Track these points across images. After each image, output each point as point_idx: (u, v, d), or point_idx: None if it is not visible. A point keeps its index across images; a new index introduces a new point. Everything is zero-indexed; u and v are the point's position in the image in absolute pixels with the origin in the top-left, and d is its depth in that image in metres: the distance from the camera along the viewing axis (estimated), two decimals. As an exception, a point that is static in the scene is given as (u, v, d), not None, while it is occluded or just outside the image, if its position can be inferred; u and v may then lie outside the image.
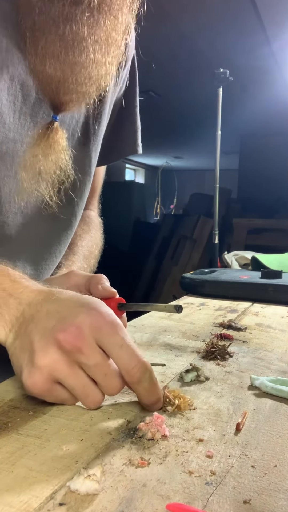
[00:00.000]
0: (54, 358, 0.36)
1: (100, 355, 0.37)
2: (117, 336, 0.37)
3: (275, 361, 0.56)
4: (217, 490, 0.29)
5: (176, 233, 5.00)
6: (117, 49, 0.52)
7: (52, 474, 0.30)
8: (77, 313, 0.37)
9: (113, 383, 0.38)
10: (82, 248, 0.75)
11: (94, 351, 0.37)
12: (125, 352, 0.37)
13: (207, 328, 0.74)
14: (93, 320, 0.37)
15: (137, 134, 0.75)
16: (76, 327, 0.36)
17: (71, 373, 0.37)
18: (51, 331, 0.36)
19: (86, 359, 0.36)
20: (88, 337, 0.36)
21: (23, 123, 0.52)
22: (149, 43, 2.86)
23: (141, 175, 9.45)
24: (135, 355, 0.38)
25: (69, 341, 0.36)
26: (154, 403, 0.40)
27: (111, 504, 0.27)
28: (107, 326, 0.37)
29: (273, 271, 1.08)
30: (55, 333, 0.36)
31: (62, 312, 0.38)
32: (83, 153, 0.63)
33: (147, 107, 4.71)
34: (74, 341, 0.36)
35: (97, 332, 0.37)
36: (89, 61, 0.50)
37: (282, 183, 5.29)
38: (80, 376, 0.37)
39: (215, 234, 2.68)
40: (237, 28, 2.70)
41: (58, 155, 0.55)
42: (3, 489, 0.28)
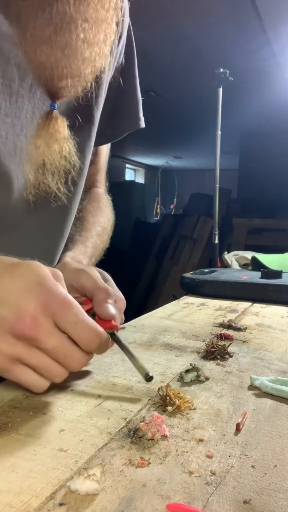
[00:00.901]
0: (12, 343, 0.36)
1: (56, 338, 0.37)
2: (70, 315, 0.38)
3: (275, 361, 0.56)
4: (217, 490, 0.29)
5: (176, 233, 5.00)
6: (108, 26, 0.51)
7: (52, 474, 0.30)
8: (29, 299, 0.37)
9: (74, 361, 0.38)
10: (95, 224, 0.74)
11: (51, 336, 0.37)
12: (80, 328, 0.38)
13: (207, 328, 0.74)
14: (46, 304, 0.37)
15: (138, 108, 0.74)
16: (30, 317, 0.36)
17: (31, 355, 0.37)
18: (5, 320, 0.36)
19: (44, 345, 0.37)
20: (43, 323, 0.37)
21: (21, 107, 0.51)
22: (149, 43, 2.86)
23: (141, 175, 9.45)
24: (91, 329, 0.38)
25: (25, 331, 0.36)
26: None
27: (111, 504, 0.27)
28: (59, 307, 0.37)
29: (273, 271, 1.08)
30: (10, 323, 0.36)
31: (11, 298, 0.37)
32: (84, 138, 0.62)
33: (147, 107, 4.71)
34: (30, 331, 0.36)
35: (51, 315, 0.37)
36: (80, 42, 0.48)
37: (282, 183, 5.29)
38: (40, 356, 0.37)
39: (215, 234, 2.67)
40: (238, 28, 2.70)
41: (61, 145, 0.53)
42: (3, 489, 0.28)
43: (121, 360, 0.55)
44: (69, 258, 0.63)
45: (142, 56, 0.72)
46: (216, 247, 2.63)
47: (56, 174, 0.55)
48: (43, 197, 0.57)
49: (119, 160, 8.14)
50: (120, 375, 0.50)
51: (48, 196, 0.57)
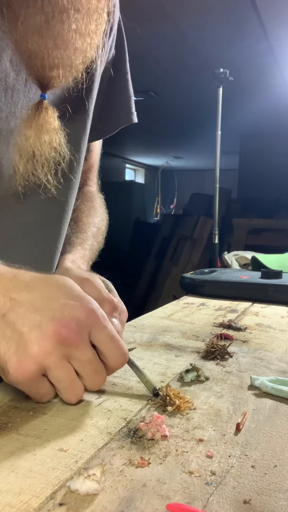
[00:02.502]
0: (49, 349, 0.36)
1: (92, 351, 0.38)
2: (107, 330, 0.39)
3: (275, 361, 0.56)
4: (217, 490, 0.29)
5: (176, 233, 5.00)
6: (100, 17, 0.50)
7: (52, 474, 0.30)
8: (73, 307, 0.38)
9: (100, 379, 0.40)
10: (90, 225, 0.74)
11: (88, 347, 0.38)
12: (114, 344, 0.39)
13: (207, 328, 0.74)
14: (88, 315, 0.38)
15: (130, 103, 0.73)
16: (77, 322, 0.37)
17: (62, 365, 0.37)
18: (49, 324, 0.36)
19: (81, 355, 0.37)
20: (85, 332, 0.37)
21: (16, 102, 0.51)
22: (149, 43, 2.86)
23: (141, 175, 9.45)
24: (122, 346, 0.40)
25: (69, 336, 0.36)
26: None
27: (111, 504, 0.27)
28: (99, 321, 0.38)
29: (273, 271, 1.08)
30: (55, 327, 0.36)
31: (54, 304, 0.37)
32: (75, 130, 0.61)
33: (147, 107, 4.72)
34: (74, 336, 0.36)
35: (91, 327, 0.38)
36: (72, 32, 0.48)
37: (282, 183, 5.29)
38: (69, 369, 0.38)
39: (215, 234, 2.68)
40: (238, 28, 2.70)
41: (52, 136, 0.53)
42: (3, 489, 0.28)
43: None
44: (69, 262, 0.63)
45: (142, 56, 0.72)
46: (216, 247, 2.64)
47: (45, 166, 0.55)
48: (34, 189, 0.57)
49: (119, 160, 8.14)
50: (120, 375, 0.50)
51: (37, 188, 0.57)
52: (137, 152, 7.74)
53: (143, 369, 0.46)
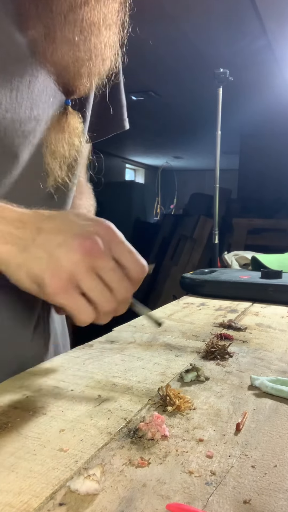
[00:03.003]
0: (77, 260, 0.39)
1: (113, 262, 0.42)
2: (125, 244, 0.43)
3: (275, 361, 0.56)
4: (217, 490, 0.29)
5: (176, 233, 5.00)
6: (118, 27, 0.55)
7: (52, 474, 0.30)
8: (94, 225, 0.42)
9: (126, 286, 0.42)
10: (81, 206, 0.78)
11: (110, 258, 0.41)
12: (133, 257, 0.43)
13: (207, 328, 0.74)
14: (107, 231, 0.42)
15: (123, 109, 0.77)
16: (98, 236, 0.41)
17: (90, 276, 0.40)
18: (74, 237, 0.40)
19: (106, 264, 0.41)
20: (106, 245, 0.41)
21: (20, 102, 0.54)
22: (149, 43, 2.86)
23: (141, 175, 9.45)
24: (140, 259, 0.44)
25: (93, 247, 0.40)
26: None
27: (111, 504, 0.27)
28: (117, 237, 0.43)
29: (273, 271, 1.08)
30: (79, 240, 0.40)
31: (79, 222, 0.42)
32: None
33: (147, 107, 4.72)
34: (97, 247, 0.40)
35: (110, 242, 0.42)
36: (103, 45, 0.53)
37: (282, 183, 5.29)
38: (97, 279, 0.41)
39: (215, 234, 2.67)
40: (238, 28, 2.70)
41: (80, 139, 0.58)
42: (3, 489, 0.29)
43: (121, 360, 0.55)
44: None
45: (142, 56, 0.72)
46: (216, 247, 2.64)
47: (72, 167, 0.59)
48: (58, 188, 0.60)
49: (119, 160, 8.14)
50: (120, 375, 0.50)
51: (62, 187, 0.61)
52: (137, 152, 7.74)
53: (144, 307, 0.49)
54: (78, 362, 0.54)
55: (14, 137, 0.53)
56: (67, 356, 0.56)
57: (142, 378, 0.49)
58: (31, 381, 0.47)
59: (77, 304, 0.40)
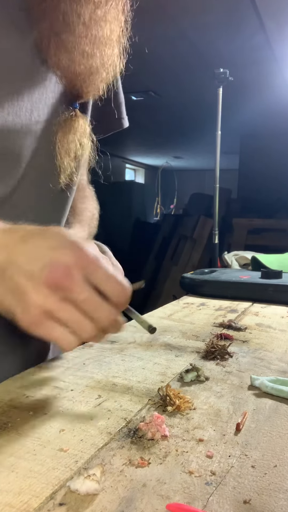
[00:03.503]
0: (46, 296, 0.38)
1: (88, 291, 0.39)
2: (102, 269, 0.40)
3: (275, 361, 0.56)
4: (217, 490, 0.29)
5: (176, 233, 5.00)
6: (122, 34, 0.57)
7: (52, 474, 0.30)
8: (62, 253, 0.39)
9: (104, 314, 0.40)
10: (85, 210, 0.78)
11: (83, 288, 0.39)
12: (112, 283, 0.40)
13: (207, 328, 0.74)
14: (79, 258, 0.39)
15: (121, 108, 0.78)
16: (65, 266, 0.38)
17: (63, 308, 0.38)
18: (40, 272, 0.38)
19: (77, 296, 0.38)
20: (76, 275, 0.39)
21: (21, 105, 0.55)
22: (149, 43, 2.86)
23: (141, 175, 9.45)
24: (120, 283, 0.41)
25: (59, 281, 0.38)
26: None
27: (111, 504, 0.27)
28: (91, 262, 0.40)
29: (273, 271, 1.08)
30: (45, 274, 0.38)
31: (45, 254, 0.39)
32: None
33: (147, 107, 4.72)
34: (64, 280, 0.38)
35: (84, 269, 0.39)
36: (113, 55, 0.56)
37: (282, 183, 5.29)
38: (71, 310, 0.39)
39: (215, 234, 2.67)
40: (237, 28, 2.70)
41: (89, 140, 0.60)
42: (3, 489, 0.29)
43: (121, 360, 0.55)
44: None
45: (142, 56, 0.72)
46: (216, 247, 2.64)
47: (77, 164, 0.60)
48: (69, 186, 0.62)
49: (119, 160, 8.14)
50: (120, 375, 0.50)
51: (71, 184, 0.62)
52: (137, 152, 7.74)
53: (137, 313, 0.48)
54: (78, 362, 0.54)
55: (16, 139, 0.54)
56: (67, 356, 0.57)
57: (142, 378, 0.49)
58: (31, 381, 0.47)
59: (54, 335, 0.39)
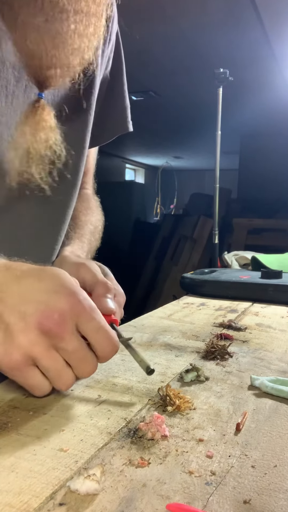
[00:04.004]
0: (34, 340, 0.37)
1: (78, 341, 0.38)
2: (95, 321, 0.39)
3: (275, 361, 0.56)
4: (217, 490, 0.29)
5: (176, 233, 5.00)
6: (98, 20, 0.52)
7: (52, 474, 0.30)
8: (57, 298, 0.38)
9: (88, 367, 0.40)
10: (87, 222, 0.76)
11: (73, 337, 0.38)
12: (101, 336, 0.39)
13: (207, 328, 0.74)
14: (73, 306, 0.38)
15: (127, 112, 0.75)
16: (59, 314, 0.37)
17: (48, 355, 0.38)
18: (32, 315, 0.37)
19: (66, 345, 0.38)
20: (69, 323, 0.38)
21: (15, 107, 0.51)
22: (149, 43, 2.86)
23: (141, 175, 9.45)
24: (110, 338, 0.40)
25: (52, 328, 0.37)
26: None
27: (111, 504, 0.27)
28: (85, 312, 0.39)
29: (273, 271, 1.08)
30: (38, 319, 0.37)
31: (39, 297, 0.38)
32: (73, 130, 0.62)
33: (147, 107, 4.72)
34: (57, 327, 0.37)
35: (77, 318, 0.38)
36: (70, 32, 0.49)
37: (282, 183, 5.29)
38: (56, 359, 0.38)
39: (215, 234, 2.68)
40: (237, 28, 2.70)
41: (48, 134, 0.54)
42: (3, 489, 0.28)
43: (121, 360, 0.55)
44: (68, 252, 0.64)
45: (142, 56, 0.72)
46: (216, 247, 2.64)
47: (40, 164, 0.55)
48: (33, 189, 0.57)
49: (119, 160, 8.14)
50: (120, 375, 0.50)
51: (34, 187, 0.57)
52: (137, 152, 7.74)
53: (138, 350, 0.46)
54: (78, 362, 0.54)
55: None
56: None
57: (142, 378, 0.49)
58: (31, 381, 0.47)
59: (29, 383, 0.38)
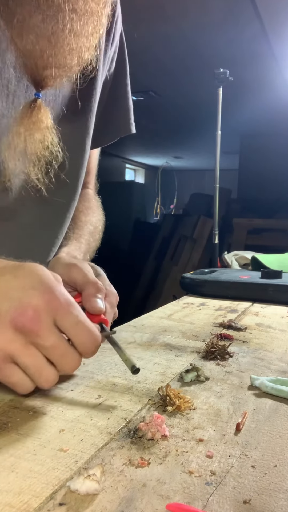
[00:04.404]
0: (10, 339, 0.36)
1: (56, 336, 0.37)
2: (72, 315, 0.38)
3: (275, 361, 0.56)
4: (217, 490, 0.29)
5: (176, 233, 5.00)
6: (97, 20, 0.50)
7: (52, 474, 0.30)
8: (32, 295, 0.37)
9: (70, 362, 0.38)
10: (87, 223, 0.75)
11: (50, 333, 0.37)
12: (80, 330, 0.38)
13: (207, 328, 0.74)
14: (49, 301, 0.37)
15: (130, 113, 0.75)
16: (33, 310, 0.36)
17: (26, 353, 0.37)
18: (6, 313, 0.36)
19: (43, 341, 0.37)
20: (45, 319, 0.37)
21: (17, 107, 0.51)
22: (149, 43, 2.86)
23: (141, 175, 9.45)
24: (90, 332, 0.39)
25: (26, 324, 0.36)
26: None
27: (111, 504, 0.27)
28: (61, 307, 0.38)
29: (273, 271, 1.08)
30: (11, 316, 0.36)
31: (13, 293, 0.37)
32: (73, 131, 0.61)
33: (147, 107, 4.72)
34: (31, 324, 0.36)
35: (53, 313, 0.37)
36: (67, 32, 0.48)
37: (282, 183, 5.29)
38: (35, 356, 0.37)
39: (215, 234, 2.67)
40: (238, 28, 2.70)
41: (44, 134, 0.53)
42: (3, 489, 0.28)
43: (121, 360, 0.55)
44: (63, 253, 0.63)
45: (142, 56, 0.72)
46: (216, 247, 2.64)
47: (37, 164, 0.55)
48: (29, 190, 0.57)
49: (119, 160, 8.14)
50: (120, 375, 0.50)
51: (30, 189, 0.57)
52: (137, 152, 7.74)
53: (124, 348, 0.46)
54: (78, 362, 0.54)
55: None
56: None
57: (142, 378, 0.49)
58: (31, 381, 0.47)
59: (12, 380, 0.38)
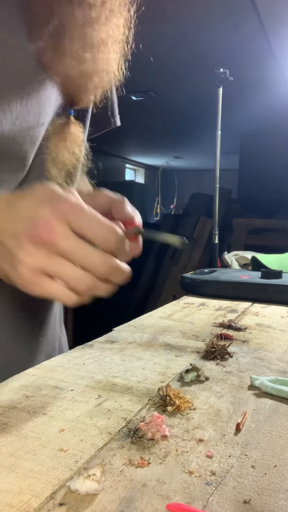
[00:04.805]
0: (32, 253, 0.37)
1: (72, 240, 0.38)
2: (83, 215, 0.38)
3: (275, 361, 0.56)
4: (217, 490, 0.29)
5: (176, 233, 4.98)
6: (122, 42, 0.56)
7: (52, 474, 0.30)
8: (41, 207, 0.38)
9: (95, 260, 0.38)
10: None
11: (66, 238, 0.37)
12: (95, 225, 0.38)
13: (207, 328, 0.74)
14: (57, 208, 0.38)
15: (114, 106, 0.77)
16: (44, 221, 0.37)
17: (52, 262, 0.37)
18: (23, 233, 0.37)
19: (61, 247, 0.37)
20: (57, 226, 0.37)
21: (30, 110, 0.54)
22: (149, 43, 2.86)
23: (141, 175, 9.45)
24: (105, 225, 0.39)
25: (42, 237, 0.37)
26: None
27: (111, 504, 0.27)
28: (71, 210, 0.38)
29: (273, 271, 1.08)
30: (28, 234, 0.37)
31: (25, 213, 0.38)
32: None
33: (147, 107, 4.72)
34: (45, 235, 0.37)
35: (65, 219, 0.38)
36: (107, 61, 0.53)
37: (282, 183, 5.29)
38: (62, 264, 0.38)
39: (215, 234, 2.67)
40: (237, 28, 2.70)
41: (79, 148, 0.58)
42: (3, 489, 0.29)
43: (121, 360, 0.55)
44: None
45: (142, 56, 0.72)
46: (216, 247, 2.64)
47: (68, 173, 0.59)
48: None
49: (119, 160, 8.14)
50: (120, 375, 0.50)
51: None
52: (137, 152, 7.74)
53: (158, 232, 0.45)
54: (78, 362, 0.54)
55: (23, 143, 0.53)
56: (67, 356, 0.56)
57: (142, 378, 0.49)
58: (31, 381, 0.47)
59: (53, 292, 0.38)
